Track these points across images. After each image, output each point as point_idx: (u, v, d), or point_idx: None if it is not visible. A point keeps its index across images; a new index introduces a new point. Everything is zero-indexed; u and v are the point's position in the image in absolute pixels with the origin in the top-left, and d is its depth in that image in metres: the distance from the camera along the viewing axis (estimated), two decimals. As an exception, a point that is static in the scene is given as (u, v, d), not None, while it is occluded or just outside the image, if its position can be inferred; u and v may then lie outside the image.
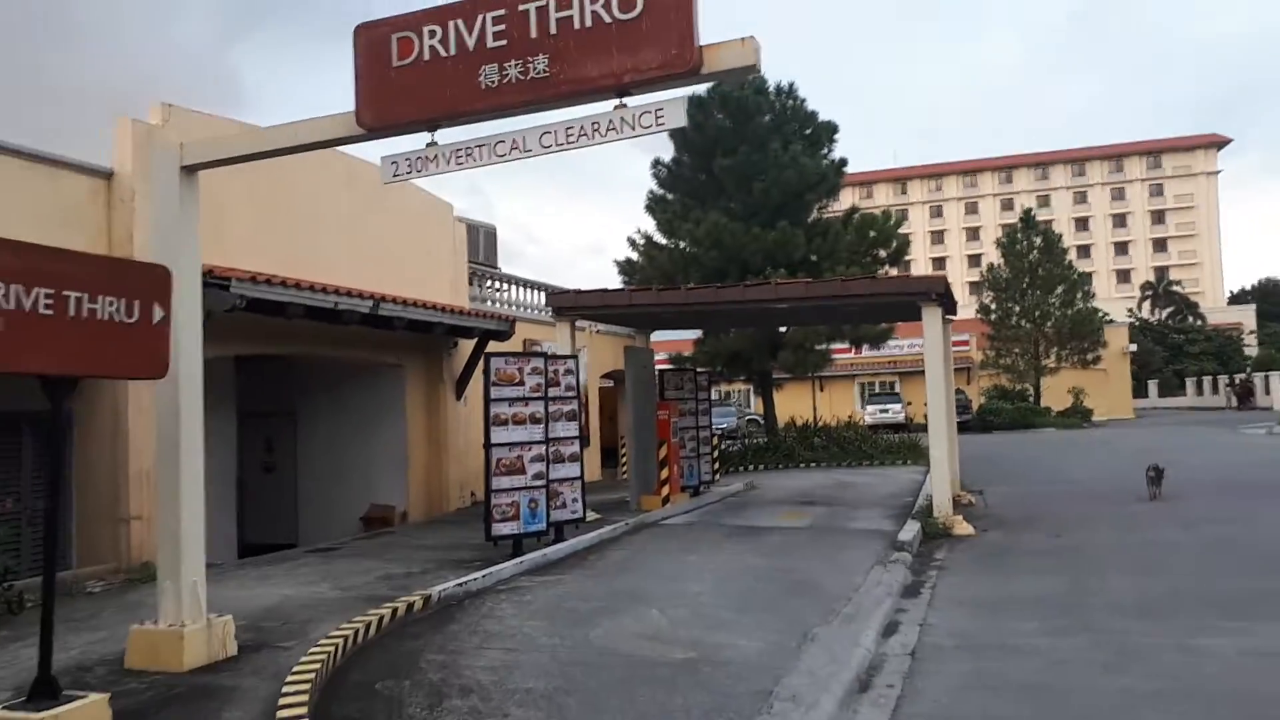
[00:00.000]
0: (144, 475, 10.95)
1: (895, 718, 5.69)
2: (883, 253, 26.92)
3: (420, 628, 7.88)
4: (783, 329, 26.09)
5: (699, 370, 18.98)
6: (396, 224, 15.98)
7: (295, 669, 6.28)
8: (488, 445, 10.93)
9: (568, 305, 14.37)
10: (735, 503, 16.89)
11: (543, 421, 11.34)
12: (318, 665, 6.40)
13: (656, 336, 23.62)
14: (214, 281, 11.02)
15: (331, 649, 6.80)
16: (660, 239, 26.44)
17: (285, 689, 5.81)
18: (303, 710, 5.36)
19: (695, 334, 26.72)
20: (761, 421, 32.06)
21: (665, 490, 15.05)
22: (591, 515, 13.96)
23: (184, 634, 6.65)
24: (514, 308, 20.37)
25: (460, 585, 9.09)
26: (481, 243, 21.69)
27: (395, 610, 8.09)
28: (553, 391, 11.82)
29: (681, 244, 25.53)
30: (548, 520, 11.27)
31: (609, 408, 24.51)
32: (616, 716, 5.55)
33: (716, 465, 20.71)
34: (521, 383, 11.21)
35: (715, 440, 21.91)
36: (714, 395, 46.96)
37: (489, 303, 19.67)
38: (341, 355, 14.87)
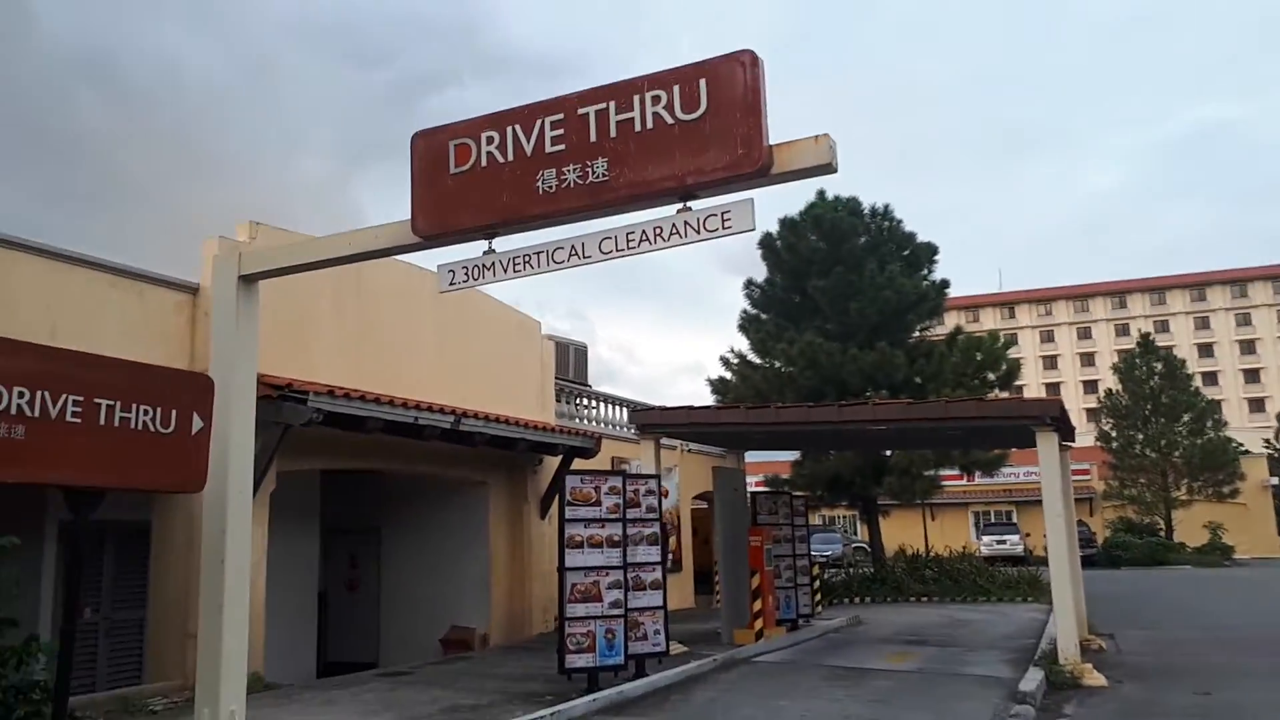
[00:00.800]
0: (212, 592, 10.62)
1: None
2: (991, 375, 25.59)
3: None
4: (888, 452, 24.88)
5: (795, 494, 17.98)
6: (483, 339, 15.84)
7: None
8: (562, 569, 10.24)
9: (652, 423, 13.78)
10: (837, 640, 15.60)
11: (621, 545, 10.61)
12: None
13: (751, 457, 22.79)
14: (292, 395, 10.89)
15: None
16: (754, 359, 25.79)
17: None
18: None
19: (793, 455, 25.72)
20: (869, 550, 30.40)
21: (759, 624, 13.96)
22: (678, 648, 13.00)
23: (215, 770, 6.06)
24: (603, 425, 19.91)
25: (527, 725, 8.29)
26: (572, 360, 21.47)
27: (449, 753, 7.34)
28: (632, 513, 11.12)
29: (776, 364, 24.84)
30: (625, 653, 10.40)
31: (703, 530, 23.51)
32: None
33: (818, 597, 19.43)
34: (598, 503, 10.56)
35: (816, 570, 20.68)
36: (818, 521, 45.48)
37: (578, 420, 19.26)
38: (425, 471, 14.53)
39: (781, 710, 9.38)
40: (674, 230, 5.52)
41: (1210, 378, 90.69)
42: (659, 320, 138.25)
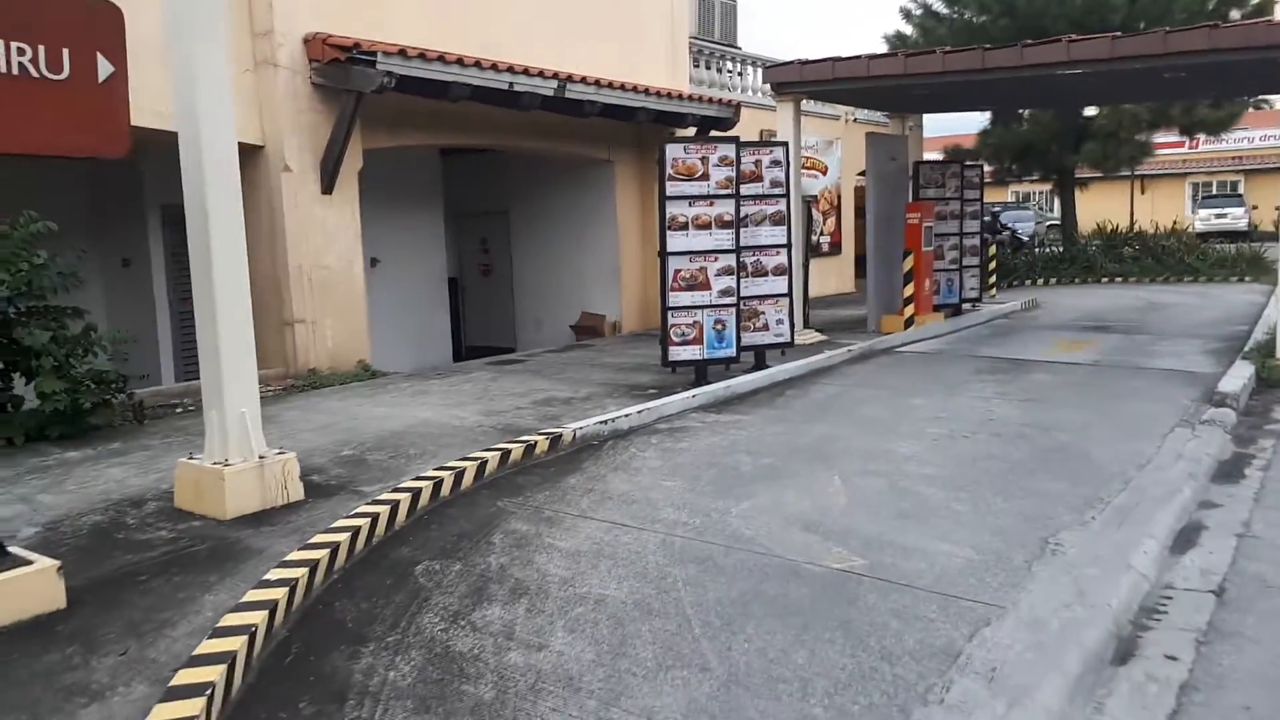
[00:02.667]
0: (304, 276, 10.04)
1: (1172, 728, 3.34)
2: (1236, 13, 20.97)
3: (533, 477, 6.28)
4: (1090, 113, 21.41)
5: (967, 164, 15.54)
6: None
7: (316, 538, 4.86)
8: (663, 254, 8.91)
9: (789, 80, 11.62)
10: (1003, 326, 13.90)
11: (733, 225, 9.08)
12: (356, 527, 4.96)
13: (933, 129, 19.96)
14: (360, 57, 9.52)
15: (391, 505, 5.34)
16: (940, 7, 22.08)
17: (275, 572, 4.38)
18: (257, 618, 3.88)
19: (980, 122, 22.65)
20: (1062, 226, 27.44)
21: (910, 310, 12.41)
22: (811, 337, 11.76)
23: (225, 475, 5.42)
24: (753, 94, 17.68)
25: (606, 423, 7.38)
26: (718, 18, 18.95)
27: (507, 453, 6.53)
28: (752, 188, 9.49)
29: (966, 13, 21.17)
30: (738, 344, 9.21)
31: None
32: (691, 678, 3.62)
33: (993, 280, 17.52)
34: (705, 176, 8.94)
35: (992, 249, 18.56)
36: (1011, 197, 41.65)
37: (724, 89, 17.10)
38: (536, 148, 13.17)
39: (911, 410, 8.05)
40: None
41: None
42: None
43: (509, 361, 11.25)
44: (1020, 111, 22.14)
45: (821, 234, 19.81)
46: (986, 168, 24.23)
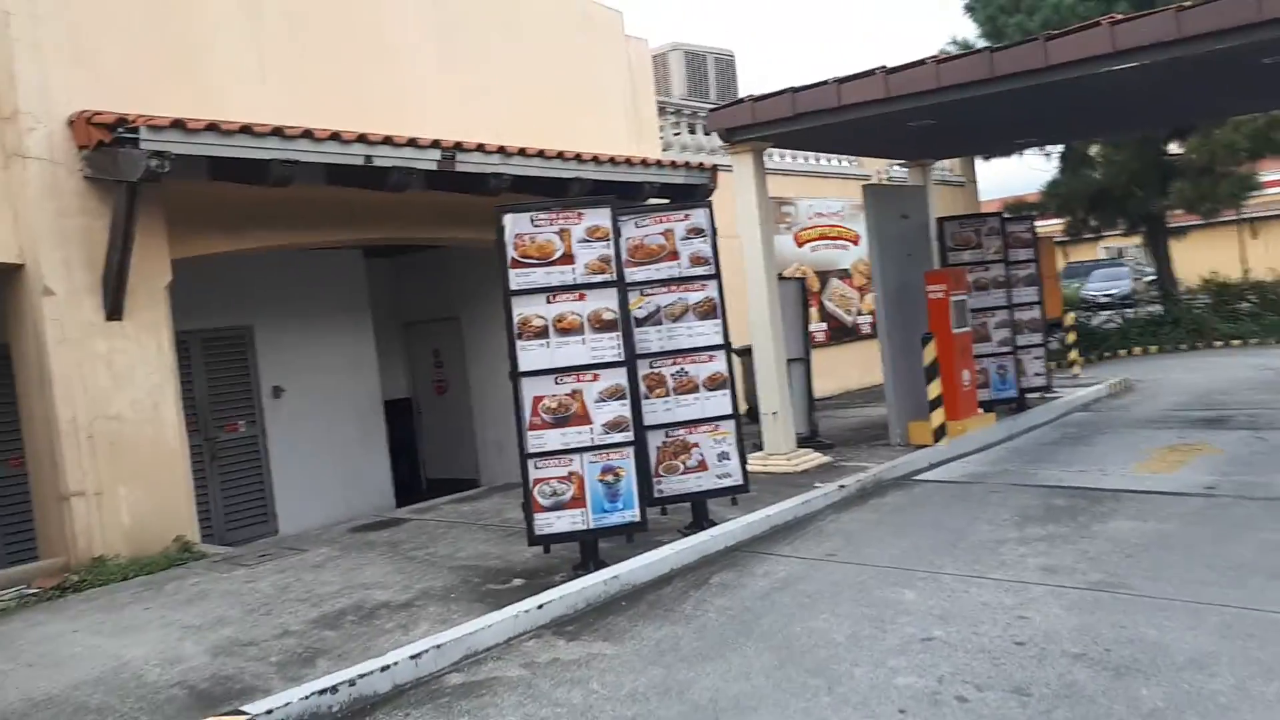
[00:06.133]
0: (80, 432, 7.42)
1: None
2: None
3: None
4: (1175, 149, 17.93)
5: (1006, 215, 12.25)
6: (524, 39, 11.11)
7: None
8: (514, 375, 5.98)
9: (741, 124, 8.72)
10: (1079, 425, 10.45)
11: (616, 326, 6.12)
12: None
13: (989, 191, 16.63)
14: (126, 136, 7.03)
15: None
16: (983, 43, 19.03)
17: None
18: None
19: (1042, 171, 19.30)
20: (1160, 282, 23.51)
21: (938, 416, 9.14)
22: (808, 460, 8.79)
23: None
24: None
25: (352, 683, 4.39)
26: (713, 75, 16.30)
27: None
28: (663, 269, 6.62)
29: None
30: (641, 503, 6.10)
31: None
32: None
33: (1073, 355, 14.18)
34: (569, 258, 6.01)
35: (1069, 317, 15.20)
36: (1102, 254, 37.38)
37: (712, 153, 14.33)
38: (449, 238, 10.52)
39: (889, 620, 4.81)
40: None
41: None
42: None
43: (383, 524, 8.38)
44: (1088, 154, 18.79)
45: (860, 314, 16.67)
46: (1054, 223, 20.89)
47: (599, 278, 6.04)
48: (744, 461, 6.86)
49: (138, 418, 7.73)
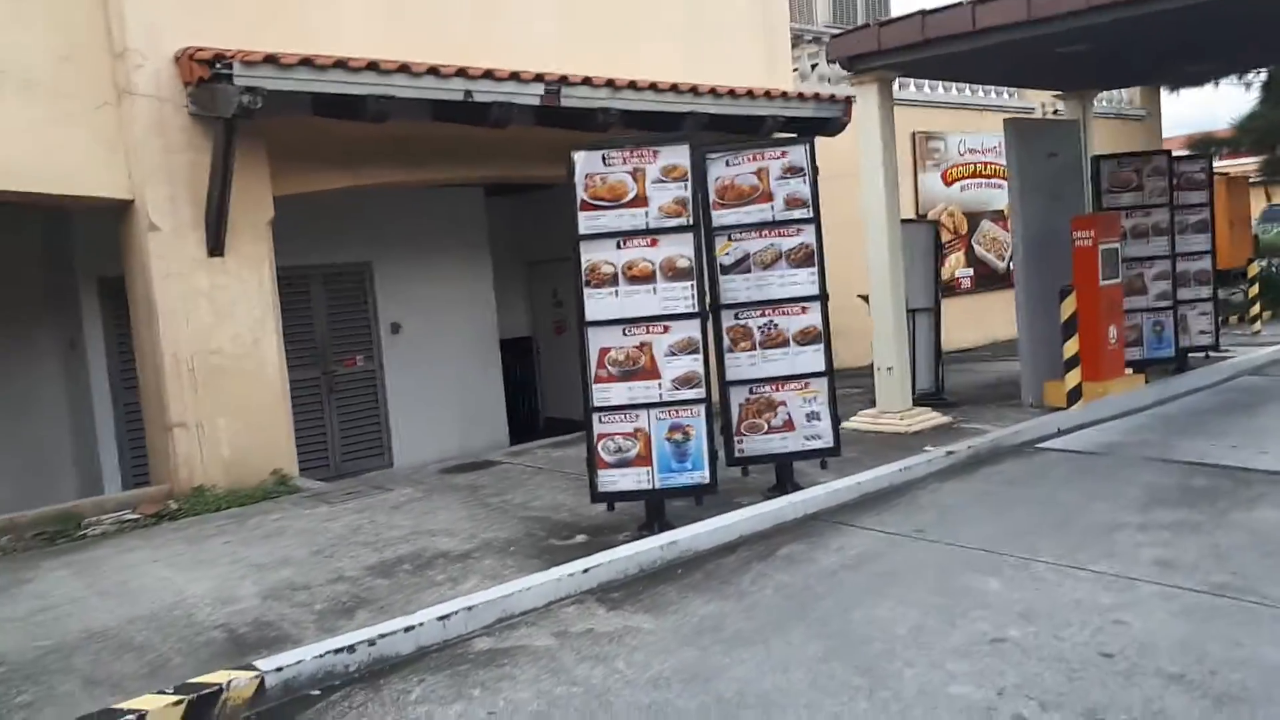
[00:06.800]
0: (183, 366, 7.65)
1: None
2: None
3: None
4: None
5: (1177, 155, 10.84)
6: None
7: None
8: (581, 325, 5.68)
9: (865, 51, 7.95)
10: (1246, 388, 9.29)
11: (691, 274, 5.68)
12: None
13: (1179, 127, 14.86)
14: (223, 72, 7.04)
15: None
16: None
17: None
18: None
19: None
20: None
21: (1074, 376, 8.25)
22: (924, 419, 8.22)
23: None
24: (898, 86, 13.80)
25: (372, 643, 4.27)
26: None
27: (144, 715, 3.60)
28: (754, 212, 6.10)
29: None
30: (712, 464, 5.69)
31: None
32: None
33: (1256, 310, 12.72)
34: (641, 200, 5.61)
35: (1254, 268, 13.61)
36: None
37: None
38: (554, 176, 10.23)
39: (961, 614, 4.27)
40: None
41: None
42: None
43: (474, 466, 8.31)
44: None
45: (1012, 259, 15.42)
46: (1249, 161, 18.72)
47: (673, 221, 5.60)
48: (836, 422, 6.33)
49: (238, 352, 7.89)
